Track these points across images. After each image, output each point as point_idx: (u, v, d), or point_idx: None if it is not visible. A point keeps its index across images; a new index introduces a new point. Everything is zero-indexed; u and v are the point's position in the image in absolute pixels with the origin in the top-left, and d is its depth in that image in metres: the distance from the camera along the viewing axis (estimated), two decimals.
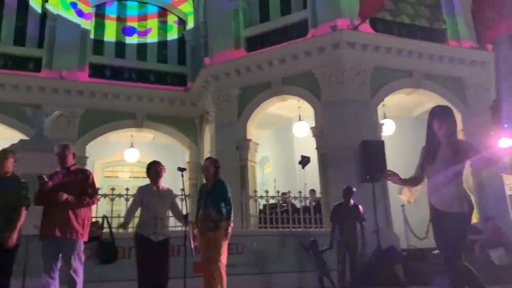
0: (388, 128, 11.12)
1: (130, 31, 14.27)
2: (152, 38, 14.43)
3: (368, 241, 7.57)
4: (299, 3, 11.94)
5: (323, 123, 10.44)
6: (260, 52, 11.49)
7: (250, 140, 11.46)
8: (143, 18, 14.47)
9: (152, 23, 14.59)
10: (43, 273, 4.31)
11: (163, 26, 14.69)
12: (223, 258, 5.03)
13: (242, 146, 11.31)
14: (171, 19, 14.87)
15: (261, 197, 8.94)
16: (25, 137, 10.26)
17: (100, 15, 14.01)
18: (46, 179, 4.29)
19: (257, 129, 12.11)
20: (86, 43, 13.18)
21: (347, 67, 10.42)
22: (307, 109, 11.11)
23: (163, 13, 14.77)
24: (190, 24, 14.63)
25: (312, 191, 10.06)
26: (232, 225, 5.19)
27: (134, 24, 14.33)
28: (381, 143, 9.91)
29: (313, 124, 10.72)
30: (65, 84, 12.37)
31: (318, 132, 10.48)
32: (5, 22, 12.86)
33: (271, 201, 9.17)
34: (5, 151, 4.59)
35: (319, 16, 10.99)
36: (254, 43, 11.91)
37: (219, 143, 11.55)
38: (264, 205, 9.61)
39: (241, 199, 9.03)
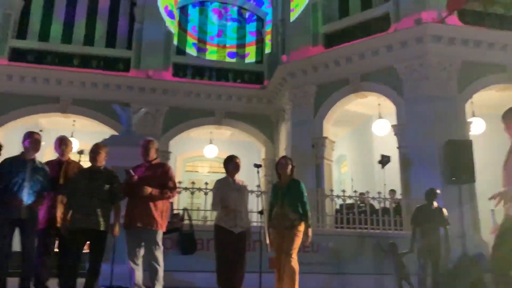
0: (477, 127, 10.35)
1: (212, 32, 14.69)
2: (231, 38, 14.76)
3: (452, 247, 7.12)
4: None
5: (405, 120, 9.99)
6: (339, 48, 11.26)
7: (326, 138, 11.30)
8: (223, 19, 14.84)
9: (231, 23, 14.91)
10: (128, 259, 4.62)
11: (242, 26, 14.95)
12: (295, 253, 4.99)
13: (318, 144, 11.19)
14: (250, 18, 15.09)
15: (338, 196, 8.76)
16: (115, 133, 11.03)
17: (183, 16, 14.61)
18: (133, 174, 4.57)
19: (334, 127, 11.91)
20: (170, 44, 13.82)
21: (432, 62, 9.87)
22: (387, 106, 10.70)
23: (242, 12, 15.04)
24: (268, 23, 14.75)
25: (392, 192, 9.68)
26: (311, 227, 5.14)
27: (215, 26, 14.74)
28: (469, 143, 9.24)
29: (394, 122, 10.30)
30: (151, 83, 13.10)
31: (400, 130, 10.05)
32: (98, 25, 13.90)
33: (348, 201, 8.96)
34: (98, 145, 4.93)
35: (402, 9, 10.51)
36: (333, 39, 11.71)
37: (295, 140, 11.53)
38: (341, 205, 9.42)
39: (316, 198, 8.93)
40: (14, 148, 5.43)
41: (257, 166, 5.30)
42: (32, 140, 4.61)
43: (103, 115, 12.62)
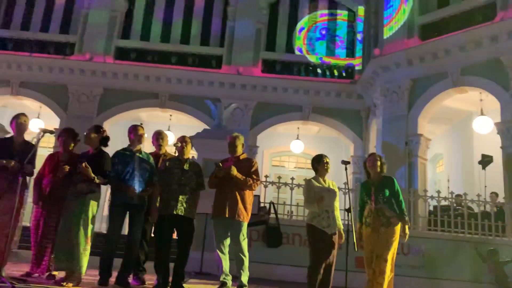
0: None
1: (301, 27, 14.65)
2: (321, 31, 14.58)
3: None
4: None
5: (511, 118, 9.12)
6: (436, 40, 10.59)
7: (421, 135, 10.72)
8: (314, 13, 14.70)
9: (322, 17, 14.72)
10: (215, 248, 4.82)
11: (332, 19, 14.70)
12: (392, 258, 4.82)
13: (412, 142, 10.67)
14: (341, 11, 14.76)
15: (432, 197, 8.28)
16: (207, 127, 11.53)
17: (273, 12, 14.73)
18: (221, 167, 4.77)
19: (430, 124, 11.27)
20: (260, 41, 14.06)
21: None
22: (491, 102, 9.85)
23: (333, 5, 14.77)
24: (360, 16, 14.32)
25: (494, 195, 8.91)
26: (409, 224, 4.96)
27: (305, 21, 14.66)
28: None
29: (499, 119, 9.45)
30: (241, 79, 13.47)
31: (505, 128, 9.20)
32: (194, 24, 14.59)
33: (443, 202, 8.43)
34: (185, 137, 5.19)
35: None
36: (430, 31, 11.04)
37: (386, 137, 11.10)
38: (435, 206, 8.89)
39: (409, 198, 8.53)
40: (117, 139, 5.93)
41: (345, 163, 5.20)
42: (136, 133, 5.00)
43: (197, 110, 13.27)
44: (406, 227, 4.88)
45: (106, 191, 6.68)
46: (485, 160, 9.28)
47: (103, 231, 4.81)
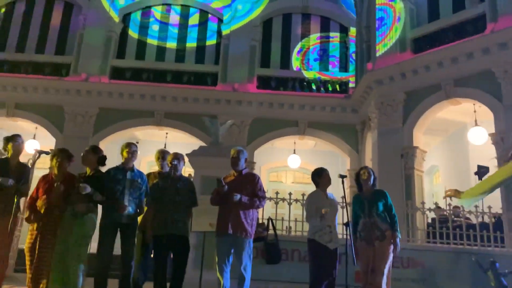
0: None
1: (295, 43, 14.80)
2: (314, 47, 14.73)
3: None
4: None
5: (504, 128, 9.18)
6: (429, 53, 10.71)
7: (416, 147, 10.76)
8: (306, 29, 14.88)
9: (315, 33, 14.88)
10: (217, 266, 4.77)
11: (325, 35, 14.87)
12: (388, 270, 4.80)
13: (407, 154, 10.69)
14: (333, 28, 14.94)
15: (430, 209, 8.28)
16: (204, 144, 11.54)
17: (267, 28, 14.89)
18: (223, 183, 4.74)
19: (425, 136, 11.31)
20: (255, 57, 14.18)
21: None
22: (484, 113, 9.92)
23: (325, 21, 14.96)
24: (352, 37, 14.52)
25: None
26: (400, 236, 4.95)
27: (302, 43, 14.80)
28: None
29: (493, 130, 9.50)
30: (237, 96, 13.53)
31: (499, 139, 9.24)
32: (189, 42, 14.70)
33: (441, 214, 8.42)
34: (177, 154, 5.19)
35: (500, 8, 9.73)
36: (422, 44, 11.18)
37: (381, 150, 11.13)
38: (433, 219, 8.87)
39: (406, 210, 8.51)
40: (113, 158, 5.92)
41: (342, 176, 5.21)
42: (130, 150, 5.01)
43: (193, 127, 13.29)
44: (398, 239, 4.87)
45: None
46: (481, 171, 9.27)
47: (95, 251, 4.76)
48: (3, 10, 14.86)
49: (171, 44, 14.68)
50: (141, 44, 14.72)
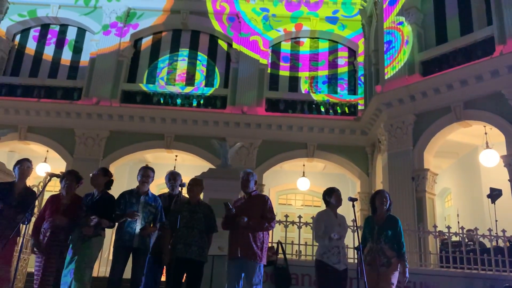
0: None
1: (302, 66, 14.94)
2: (322, 70, 14.84)
3: None
4: (482, 20, 10.81)
5: None
6: (438, 76, 10.72)
7: (427, 170, 10.65)
8: (315, 53, 15.03)
9: (323, 57, 15.03)
10: None
11: (333, 58, 15.00)
12: None
13: (418, 177, 10.58)
14: (341, 50, 15.08)
15: (442, 233, 8.12)
16: (213, 166, 11.54)
17: (275, 52, 15.09)
18: (231, 207, 4.73)
19: (435, 158, 11.21)
20: (264, 80, 14.30)
21: None
22: (496, 135, 9.83)
23: (333, 45, 15.11)
24: (360, 54, 14.61)
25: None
26: (408, 265, 4.85)
27: (308, 59, 14.97)
28: None
29: (505, 152, 9.40)
30: (246, 118, 13.59)
31: (511, 161, 9.12)
32: (198, 67, 14.91)
33: (454, 238, 8.25)
34: (196, 179, 5.19)
35: (508, 30, 9.75)
36: (430, 67, 11.21)
37: (392, 173, 11.03)
38: (445, 243, 8.70)
39: (418, 234, 8.36)
40: (123, 181, 5.95)
41: (353, 199, 5.15)
42: (145, 174, 5.03)
43: (202, 150, 13.33)
44: (406, 270, 4.78)
45: (112, 234, 6.62)
46: (494, 194, 9.14)
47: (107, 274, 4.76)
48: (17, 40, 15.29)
49: (181, 68, 14.88)
50: (151, 68, 14.95)
